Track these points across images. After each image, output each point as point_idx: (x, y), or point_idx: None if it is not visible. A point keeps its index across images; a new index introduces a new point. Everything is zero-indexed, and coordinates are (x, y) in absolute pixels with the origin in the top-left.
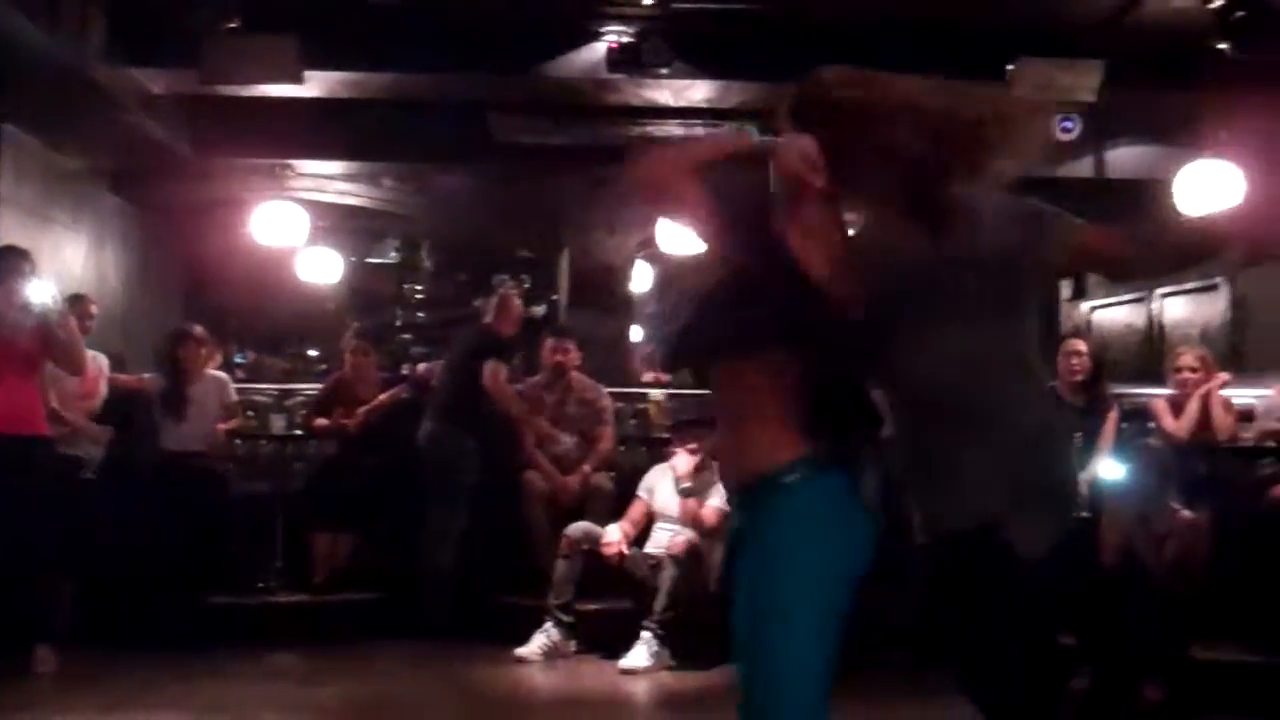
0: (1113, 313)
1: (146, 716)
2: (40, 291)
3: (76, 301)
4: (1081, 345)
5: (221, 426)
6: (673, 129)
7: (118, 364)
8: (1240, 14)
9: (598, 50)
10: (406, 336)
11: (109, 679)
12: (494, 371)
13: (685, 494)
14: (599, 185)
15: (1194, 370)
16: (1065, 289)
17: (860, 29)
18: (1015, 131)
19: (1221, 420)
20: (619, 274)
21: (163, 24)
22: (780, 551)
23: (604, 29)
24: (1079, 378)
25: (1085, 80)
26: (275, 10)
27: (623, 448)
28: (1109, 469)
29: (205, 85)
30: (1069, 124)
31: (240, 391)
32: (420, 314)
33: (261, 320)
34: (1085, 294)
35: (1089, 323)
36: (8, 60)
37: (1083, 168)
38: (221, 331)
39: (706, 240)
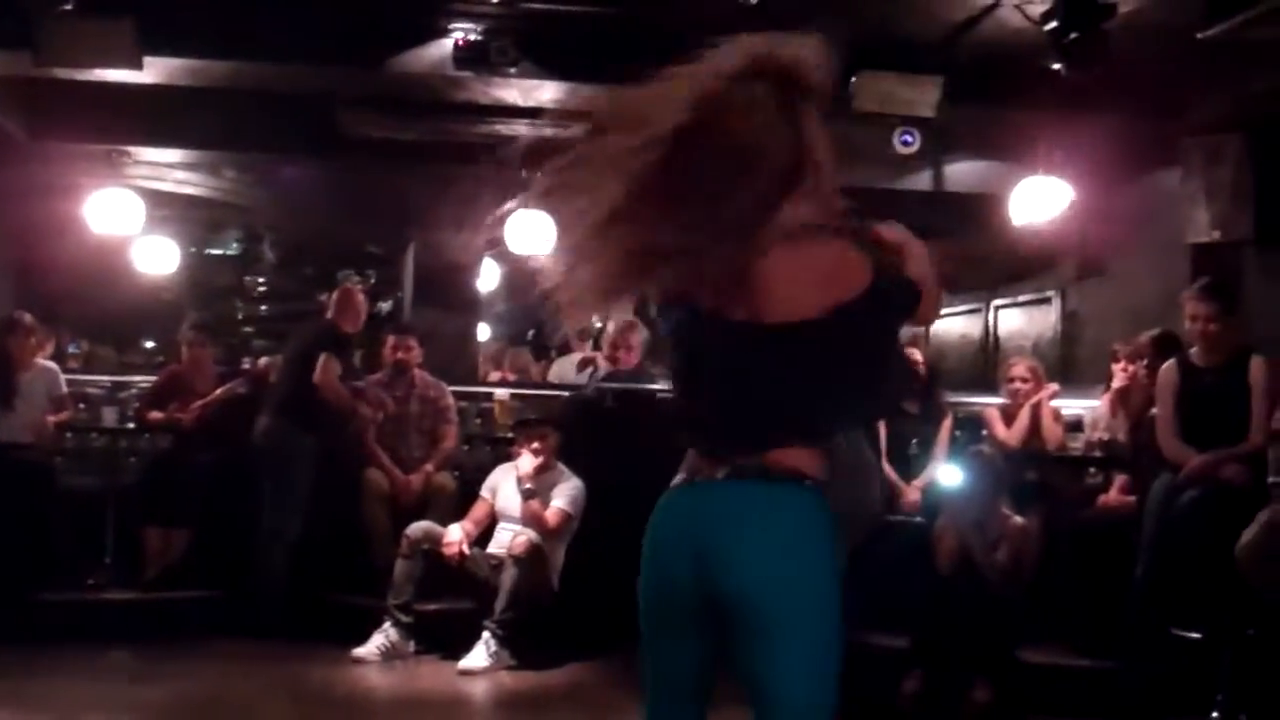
0: (949, 323)
1: None
2: None
3: None
4: (918, 354)
5: (51, 418)
6: (520, 128)
7: None
8: (1074, 35)
9: (446, 46)
10: (248, 329)
11: None
12: (325, 365)
13: (528, 495)
14: (447, 182)
15: (1025, 381)
16: None
17: (704, 35)
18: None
19: (1051, 429)
20: (466, 272)
21: None
22: None
23: (452, 25)
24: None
25: (925, 95)
26: None
27: (466, 447)
28: (946, 475)
29: (39, 68)
30: (908, 138)
31: (72, 383)
32: (263, 307)
33: (95, 310)
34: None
35: (926, 332)
36: None
37: (922, 181)
38: (53, 320)
39: None
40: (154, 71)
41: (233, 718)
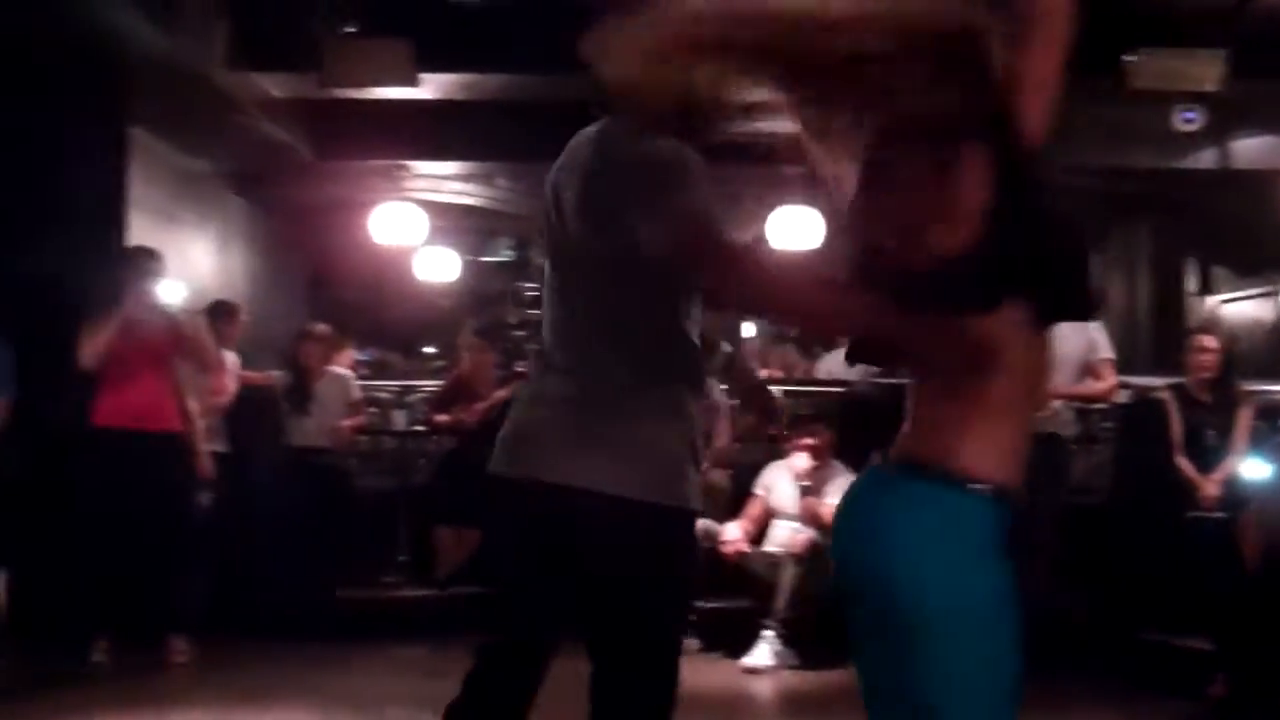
0: (1240, 307)
1: (276, 708)
2: (169, 291)
3: (224, 310)
4: (1211, 341)
5: (346, 423)
6: (784, 125)
7: (245, 362)
8: None
9: None
10: (520, 334)
11: (240, 670)
12: None
13: (805, 492)
14: (711, 181)
15: None
16: (1191, 282)
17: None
18: None
19: None
20: None
21: (283, 29)
22: None
23: None
24: (1208, 374)
25: (1207, 70)
26: (391, 14)
27: (739, 445)
28: (1250, 468)
29: (324, 89)
30: (1190, 115)
31: (363, 389)
32: (533, 312)
33: (381, 318)
34: (1211, 289)
35: (1217, 317)
36: (135, 66)
37: (1205, 159)
38: (343, 330)
39: None
40: (429, 88)
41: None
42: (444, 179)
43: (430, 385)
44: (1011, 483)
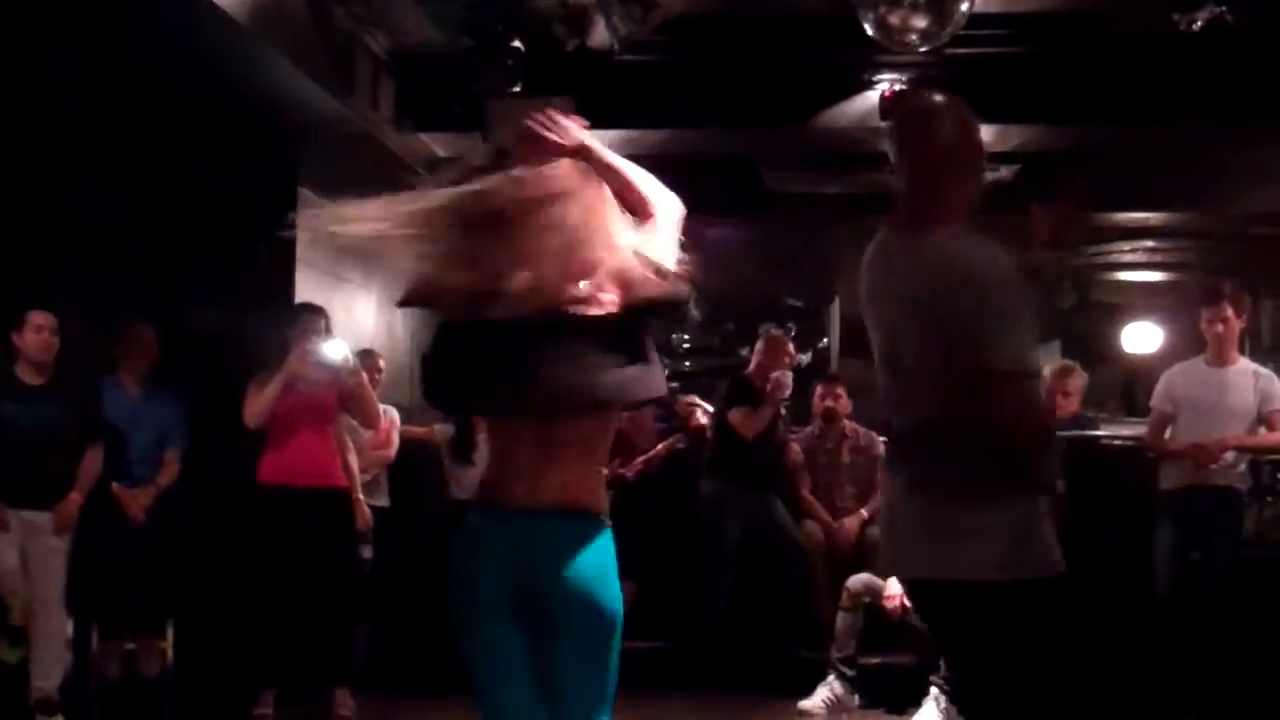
0: None
1: None
2: (334, 349)
3: (366, 357)
4: None
5: None
6: None
7: (406, 416)
8: None
9: (871, 99)
10: (674, 385)
11: None
12: (742, 419)
13: None
14: (871, 233)
15: None
16: None
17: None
18: None
19: None
20: None
21: (448, 90)
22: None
23: (877, 77)
24: None
25: None
26: (552, 73)
27: None
28: None
29: (488, 145)
30: None
31: None
32: (687, 363)
33: None
34: None
35: None
36: (304, 126)
37: None
38: None
39: None
40: None
41: None
42: None
43: None
44: None
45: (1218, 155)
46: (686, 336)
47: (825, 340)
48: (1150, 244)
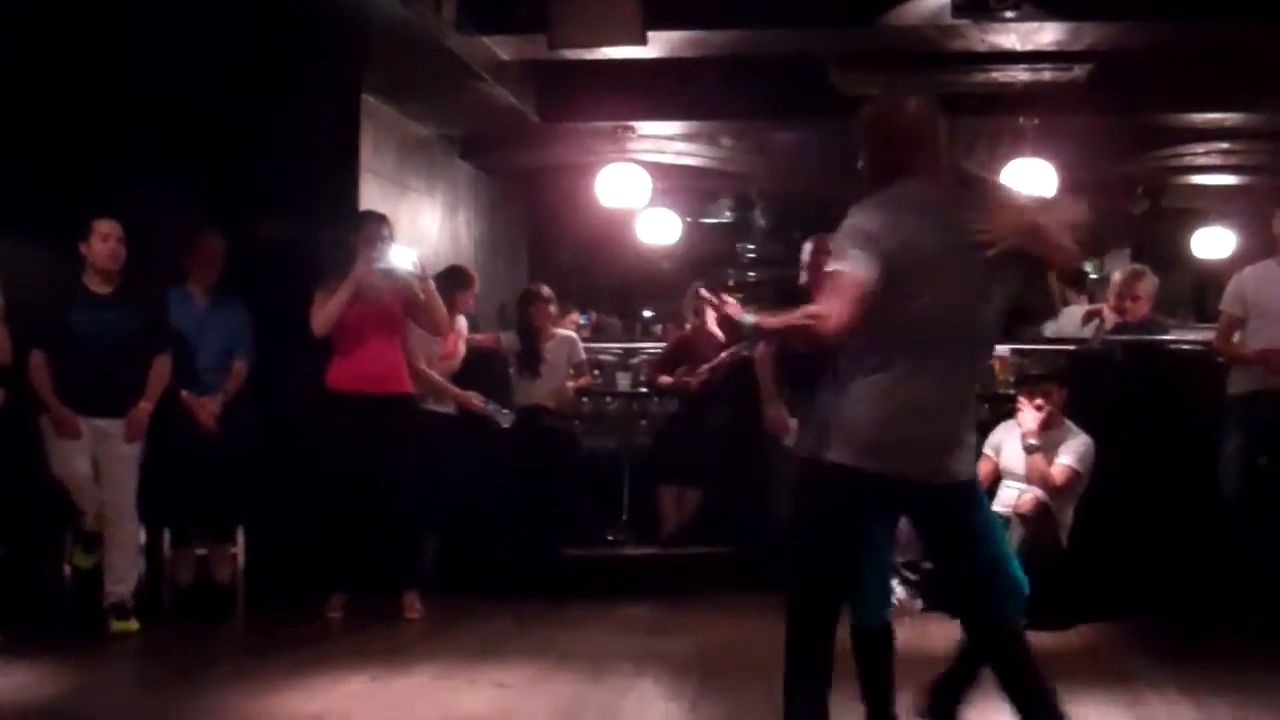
0: None
1: (508, 662)
2: (401, 256)
3: (462, 278)
4: None
5: (571, 384)
6: (1019, 74)
7: (473, 324)
8: None
9: None
10: (739, 296)
11: (471, 626)
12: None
13: (1030, 450)
14: (946, 132)
15: None
16: None
17: None
18: None
19: None
20: None
21: None
22: None
23: None
24: None
25: None
26: None
27: None
28: None
29: (552, 50)
30: None
31: (586, 350)
32: (751, 273)
33: (602, 281)
34: None
35: None
36: (367, 33)
37: None
38: (564, 293)
39: None
40: (656, 46)
41: (752, 669)
42: (668, 139)
43: (653, 347)
44: None
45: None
46: (751, 246)
47: None
48: (1224, 146)
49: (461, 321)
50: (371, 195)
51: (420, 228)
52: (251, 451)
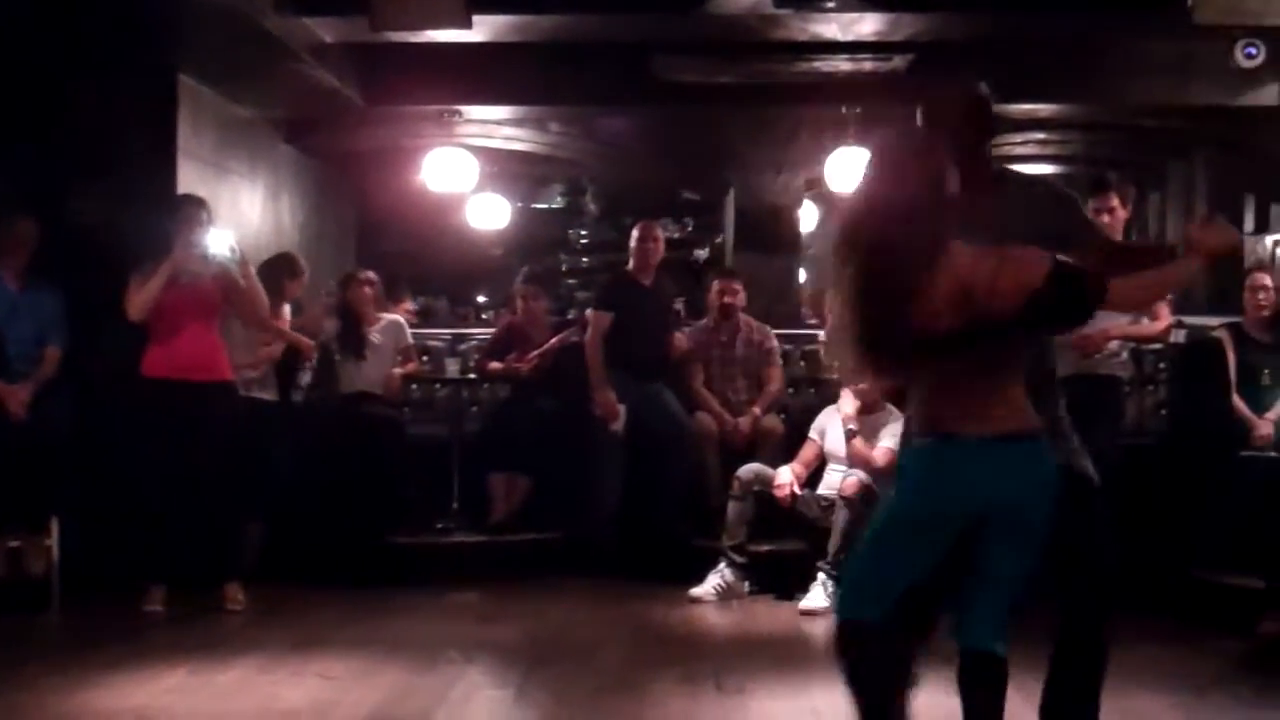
0: None
1: (333, 653)
2: (219, 241)
3: (291, 267)
4: (1268, 279)
5: (398, 371)
6: (841, 64)
7: (296, 310)
8: None
9: None
10: (572, 281)
11: (296, 617)
12: (592, 321)
13: (850, 435)
14: (765, 124)
15: None
16: (1248, 222)
17: None
18: None
19: None
20: (786, 214)
21: None
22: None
23: None
24: (1266, 313)
25: (1270, 6)
26: None
27: (792, 390)
28: None
29: (375, 33)
30: (1252, 50)
31: (415, 336)
32: (585, 259)
33: (431, 266)
34: (1268, 227)
35: (1274, 256)
36: (182, 12)
37: (1266, 96)
38: (393, 278)
39: None
40: (481, 30)
41: (579, 654)
42: (496, 124)
43: (482, 333)
44: None
45: (1104, 46)
46: (584, 232)
47: (721, 237)
48: (1040, 136)
49: (286, 310)
50: (190, 178)
51: (241, 212)
52: (65, 440)
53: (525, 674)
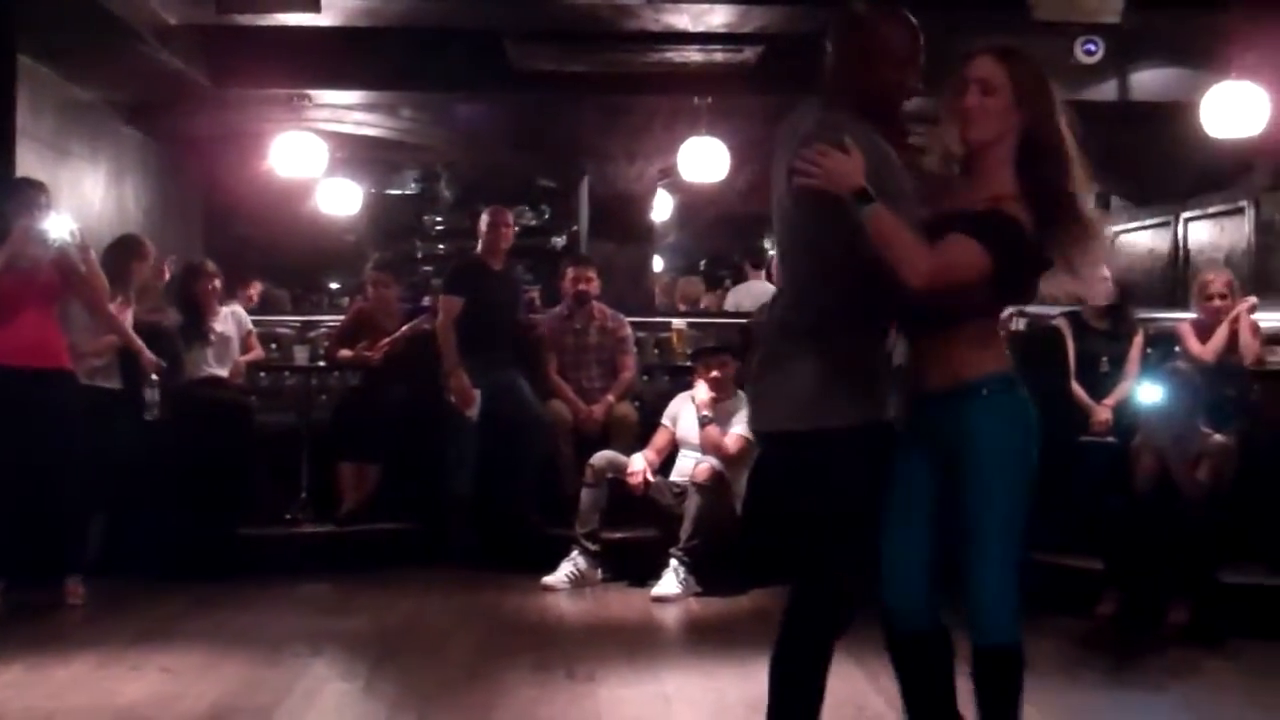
0: (1137, 237)
1: (177, 647)
2: (58, 225)
3: (137, 249)
4: (1107, 270)
5: (243, 358)
6: (692, 55)
7: (139, 296)
8: None
9: None
10: (427, 268)
11: (138, 610)
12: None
13: (704, 422)
14: (618, 113)
15: (1224, 297)
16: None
17: None
18: None
19: (1249, 344)
20: (639, 203)
21: None
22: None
23: None
24: (1104, 302)
25: (1109, 2)
26: None
27: (646, 377)
28: (1143, 393)
29: (221, 15)
30: (1091, 46)
31: (263, 324)
32: (440, 246)
33: (281, 252)
34: (1108, 218)
35: (1113, 247)
36: None
37: (1106, 91)
38: (241, 264)
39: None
40: (331, 14)
41: (429, 644)
42: (346, 109)
43: (332, 320)
44: None
45: (947, 42)
46: (439, 218)
47: (576, 226)
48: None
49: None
50: (28, 161)
51: (82, 195)
52: None
53: (374, 666)
